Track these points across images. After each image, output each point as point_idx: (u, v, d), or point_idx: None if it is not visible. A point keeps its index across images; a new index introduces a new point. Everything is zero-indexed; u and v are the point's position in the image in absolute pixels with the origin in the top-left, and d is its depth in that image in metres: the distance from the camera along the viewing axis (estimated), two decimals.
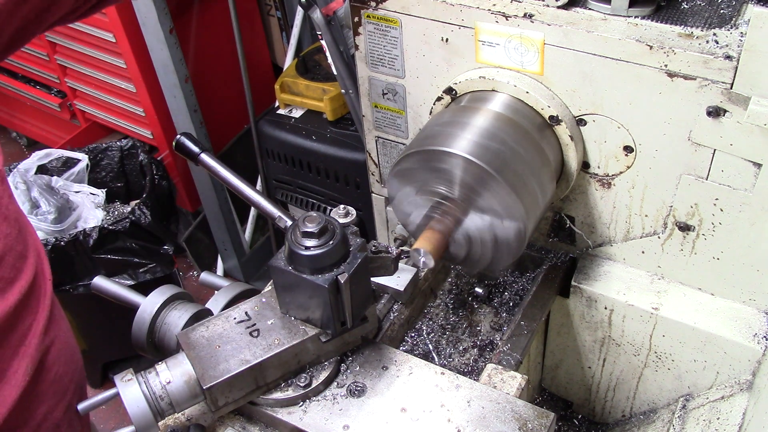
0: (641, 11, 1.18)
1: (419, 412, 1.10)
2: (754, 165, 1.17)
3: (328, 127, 2.44)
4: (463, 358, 1.40)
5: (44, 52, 2.97)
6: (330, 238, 1.04)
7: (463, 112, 1.31)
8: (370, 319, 1.20)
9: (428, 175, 1.23)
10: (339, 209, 1.16)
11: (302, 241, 1.04)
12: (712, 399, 1.37)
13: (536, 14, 1.23)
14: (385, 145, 1.63)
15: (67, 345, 1.08)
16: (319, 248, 1.03)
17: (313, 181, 2.52)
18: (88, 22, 2.63)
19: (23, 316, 0.96)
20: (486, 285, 1.53)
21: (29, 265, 0.98)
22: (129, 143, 2.89)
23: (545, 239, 1.54)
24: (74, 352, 1.10)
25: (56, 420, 1.03)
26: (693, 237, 1.33)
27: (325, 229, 1.04)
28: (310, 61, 2.57)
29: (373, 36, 1.44)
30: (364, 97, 1.57)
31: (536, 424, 1.07)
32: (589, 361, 1.59)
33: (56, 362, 1.03)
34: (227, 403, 1.10)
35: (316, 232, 1.03)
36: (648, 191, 1.33)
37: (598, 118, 1.28)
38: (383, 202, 1.75)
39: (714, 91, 1.13)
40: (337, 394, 1.14)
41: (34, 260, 1.00)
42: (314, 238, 1.03)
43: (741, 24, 1.12)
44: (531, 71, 1.29)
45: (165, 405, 1.04)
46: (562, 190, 1.39)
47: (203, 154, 1.25)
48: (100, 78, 2.86)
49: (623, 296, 1.41)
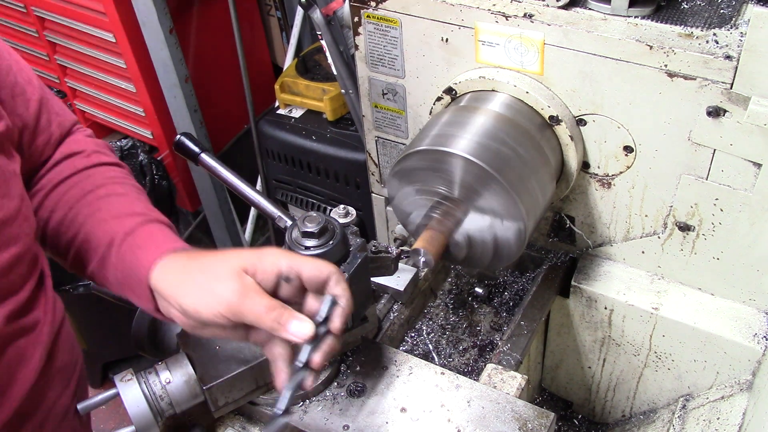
0: (641, 11, 1.18)
1: (419, 412, 1.10)
2: (754, 165, 1.17)
3: (328, 127, 2.44)
4: (463, 358, 1.40)
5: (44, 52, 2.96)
6: (330, 238, 1.04)
7: (463, 112, 1.31)
8: (370, 319, 1.20)
9: (428, 175, 1.23)
10: (339, 209, 1.16)
11: (302, 241, 1.04)
12: (712, 399, 1.37)
13: (536, 14, 1.23)
14: (385, 145, 1.63)
15: (70, 335, 1.12)
16: (319, 248, 1.03)
17: (313, 181, 2.52)
18: (88, 22, 2.63)
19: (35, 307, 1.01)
20: (486, 285, 1.53)
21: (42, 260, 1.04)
22: (129, 143, 2.89)
23: (545, 239, 1.54)
24: (75, 344, 1.14)
25: (64, 407, 1.07)
26: (693, 237, 1.33)
27: (325, 229, 1.04)
28: (310, 61, 2.57)
29: (373, 36, 1.44)
30: (364, 97, 1.57)
31: (536, 424, 1.07)
32: (589, 361, 1.59)
33: (62, 350, 1.07)
34: (227, 403, 1.10)
35: (316, 232, 1.03)
36: (648, 191, 1.33)
37: (598, 118, 1.28)
38: (383, 202, 1.75)
39: (714, 91, 1.13)
40: (337, 394, 1.14)
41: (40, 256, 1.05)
42: (314, 238, 1.03)
43: (741, 24, 1.12)
44: (531, 71, 1.29)
45: (165, 405, 1.05)
46: (562, 190, 1.39)
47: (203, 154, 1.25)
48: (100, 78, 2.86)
49: (623, 296, 1.41)
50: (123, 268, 1.02)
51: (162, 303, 0.99)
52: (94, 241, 1.05)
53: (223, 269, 0.94)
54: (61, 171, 1.12)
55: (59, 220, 1.08)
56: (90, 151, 1.15)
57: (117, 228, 1.04)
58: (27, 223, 0.98)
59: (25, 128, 1.06)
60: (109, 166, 1.16)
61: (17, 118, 1.03)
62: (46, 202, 1.10)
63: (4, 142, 0.95)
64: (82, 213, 1.07)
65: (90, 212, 1.07)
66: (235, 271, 0.93)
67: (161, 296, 0.98)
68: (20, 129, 1.04)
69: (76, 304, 2.62)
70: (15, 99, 1.02)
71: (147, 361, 1.07)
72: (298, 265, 0.96)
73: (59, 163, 1.13)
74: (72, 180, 1.11)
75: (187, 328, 0.98)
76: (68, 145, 1.14)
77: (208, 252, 1.01)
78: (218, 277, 0.93)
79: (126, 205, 1.09)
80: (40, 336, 1.01)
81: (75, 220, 1.07)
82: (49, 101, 1.10)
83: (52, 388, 1.04)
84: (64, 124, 1.14)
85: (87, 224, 1.06)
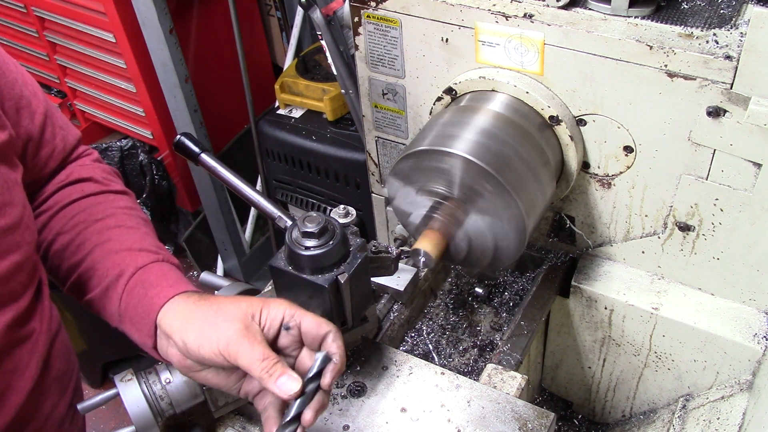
0: (641, 11, 1.18)
1: (419, 412, 1.10)
2: (754, 165, 1.17)
3: (328, 127, 2.44)
4: (463, 358, 1.40)
5: (44, 52, 2.97)
6: (330, 238, 1.04)
7: (463, 112, 1.31)
8: (370, 319, 1.20)
9: (428, 175, 1.23)
10: (339, 209, 1.16)
11: (302, 241, 1.04)
12: (712, 399, 1.37)
13: (536, 14, 1.23)
14: (385, 145, 1.63)
15: (65, 344, 1.13)
16: (319, 248, 1.03)
17: (313, 181, 2.52)
18: (88, 22, 2.63)
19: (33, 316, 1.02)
20: (486, 285, 1.53)
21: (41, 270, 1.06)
22: (129, 143, 2.89)
23: (545, 239, 1.54)
24: (71, 352, 1.15)
25: (61, 416, 1.08)
26: (693, 237, 1.33)
27: (325, 229, 1.04)
28: (310, 61, 2.57)
29: (373, 36, 1.44)
30: (364, 97, 1.58)
31: (536, 424, 1.07)
32: (589, 361, 1.59)
33: (58, 359, 1.08)
34: (227, 403, 1.10)
35: (316, 232, 1.03)
36: (648, 191, 1.33)
37: (598, 118, 1.28)
38: (383, 202, 1.75)
39: (714, 91, 1.13)
40: (337, 394, 1.14)
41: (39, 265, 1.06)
42: (314, 238, 1.03)
43: (741, 24, 1.12)
44: (531, 71, 1.29)
45: (165, 405, 1.04)
46: (562, 190, 1.39)
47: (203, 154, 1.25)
48: (100, 78, 2.86)
49: (623, 296, 1.41)
50: (130, 301, 1.03)
51: (162, 342, 1.00)
52: (101, 270, 1.06)
53: (232, 310, 0.96)
54: (68, 194, 1.13)
55: (65, 243, 1.09)
56: (99, 178, 1.17)
57: (128, 261, 1.05)
58: (28, 231, 0.99)
59: (30, 140, 1.07)
60: (117, 194, 1.17)
61: (22, 130, 1.04)
62: (52, 223, 1.11)
63: (7, 151, 0.96)
64: (91, 240, 1.08)
65: (99, 241, 1.08)
66: (243, 314, 0.95)
67: (165, 334, 0.99)
68: (25, 141, 1.06)
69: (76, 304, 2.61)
70: (20, 111, 1.04)
71: (147, 361, 1.07)
72: (300, 316, 0.98)
73: (67, 186, 1.14)
74: (80, 204, 1.12)
75: (182, 370, 1.00)
76: (77, 170, 1.16)
77: (219, 296, 1.04)
78: (226, 317, 0.95)
79: (137, 240, 1.09)
80: (36, 345, 1.01)
81: (82, 246, 1.08)
82: (53, 115, 1.12)
83: (49, 396, 1.05)
84: (68, 138, 1.15)
85: (95, 252, 1.07)
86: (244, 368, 0.93)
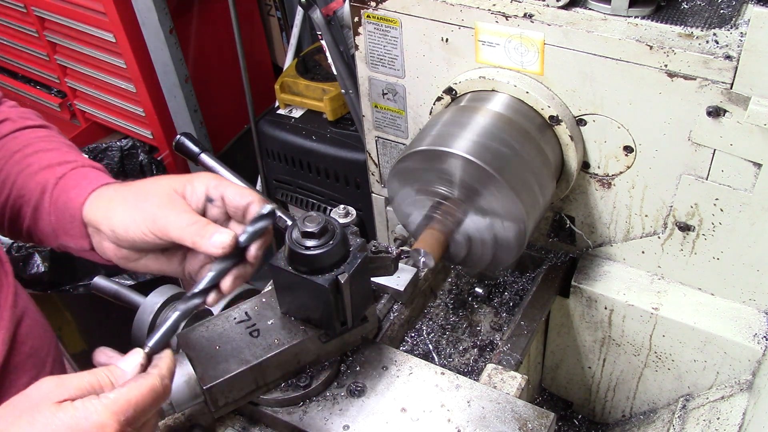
0: (641, 11, 1.18)
1: (419, 412, 1.10)
2: (754, 165, 1.17)
3: (328, 127, 2.44)
4: (463, 358, 1.40)
5: (44, 52, 2.97)
6: (330, 238, 1.04)
7: (463, 112, 1.31)
8: (370, 319, 1.20)
9: (428, 175, 1.23)
10: (339, 209, 1.16)
11: (302, 241, 1.04)
12: (712, 399, 1.37)
13: (536, 14, 1.23)
14: (385, 145, 1.63)
15: (38, 321, 1.11)
16: (319, 248, 1.03)
17: (313, 181, 2.52)
18: (88, 22, 2.63)
19: None
20: (486, 285, 1.53)
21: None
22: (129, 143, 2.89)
23: (545, 239, 1.54)
24: (47, 329, 1.13)
25: None
26: (693, 237, 1.33)
27: (325, 229, 1.04)
28: (310, 61, 2.57)
29: (373, 36, 1.44)
30: (364, 97, 1.57)
31: (536, 424, 1.07)
32: (589, 361, 1.59)
33: (29, 336, 1.06)
34: (227, 403, 1.10)
35: (316, 232, 1.03)
36: (648, 191, 1.33)
37: (598, 118, 1.28)
38: (383, 202, 1.75)
39: (714, 91, 1.13)
40: (337, 394, 1.14)
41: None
42: (314, 238, 1.03)
43: (741, 24, 1.12)
44: (531, 71, 1.29)
45: (165, 405, 1.04)
46: (562, 190, 1.39)
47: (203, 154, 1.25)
48: (100, 78, 2.86)
49: (623, 296, 1.41)
50: (56, 210, 1.01)
51: (95, 238, 0.98)
52: (27, 195, 1.04)
53: (154, 189, 0.95)
54: None
55: None
56: (15, 118, 1.14)
57: (48, 176, 1.03)
58: None
59: None
60: (35, 128, 1.14)
61: None
62: None
63: None
64: (12, 172, 1.06)
65: (20, 169, 1.05)
66: (165, 190, 0.94)
67: (94, 227, 0.96)
68: None
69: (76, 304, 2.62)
70: None
71: None
72: (224, 188, 0.97)
73: None
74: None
75: (121, 262, 0.97)
76: None
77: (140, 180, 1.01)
78: (148, 196, 0.94)
79: (56, 157, 1.07)
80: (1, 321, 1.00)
81: (5, 182, 1.06)
82: None
83: (24, 373, 1.04)
84: None
85: (18, 181, 1.05)
86: (176, 239, 0.91)
